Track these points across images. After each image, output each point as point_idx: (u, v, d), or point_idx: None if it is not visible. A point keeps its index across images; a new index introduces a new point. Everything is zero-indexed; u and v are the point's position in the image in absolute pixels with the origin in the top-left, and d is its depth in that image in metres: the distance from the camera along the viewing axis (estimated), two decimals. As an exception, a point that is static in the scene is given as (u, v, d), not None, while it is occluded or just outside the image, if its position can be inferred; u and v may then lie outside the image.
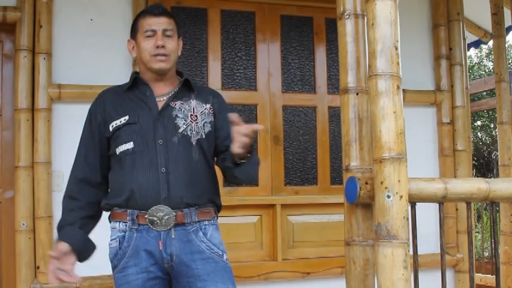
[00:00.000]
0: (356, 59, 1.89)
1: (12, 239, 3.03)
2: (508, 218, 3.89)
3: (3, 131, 3.18)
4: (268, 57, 3.54)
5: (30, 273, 2.97)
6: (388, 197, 1.61)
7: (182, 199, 1.80)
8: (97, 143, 1.91)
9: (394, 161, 1.62)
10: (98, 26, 3.21)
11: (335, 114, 3.61)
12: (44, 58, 3.05)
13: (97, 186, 1.92)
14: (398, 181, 1.62)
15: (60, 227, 1.89)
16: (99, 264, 2.08)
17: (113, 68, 3.18)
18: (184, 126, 1.86)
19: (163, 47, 1.88)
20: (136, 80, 1.94)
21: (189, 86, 1.96)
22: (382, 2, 1.68)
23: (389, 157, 1.63)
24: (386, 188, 1.62)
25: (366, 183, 1.75)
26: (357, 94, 1.89)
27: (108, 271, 1.89)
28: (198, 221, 1.83)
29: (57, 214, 3.01)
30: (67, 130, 3.10)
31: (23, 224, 2.97)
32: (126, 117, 1.86)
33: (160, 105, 1.89)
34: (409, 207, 1.68)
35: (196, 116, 1.89)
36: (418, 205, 1.80)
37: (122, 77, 3.15)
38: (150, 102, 1.89)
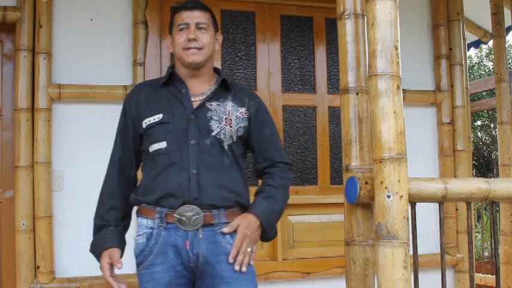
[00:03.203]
0: (356, 59, 1.89)
1: (12, 239, 3.03)
2: (508, 218, 3.89)
3: (3, 131, 3.17)
4: (268, 57, 3.54)
5: (30, 273, 2.96)
6: (388, 197, 1.61)
7: (211, 201, 1.79)
8: (131, 137, 1.90)
9: (394, 161, 1.63)
10: (98, 26, 3.21)
11: (335, 114, 3.61)
12: (44, 58, 3.05)
13: (133, 181, 1.93)
14: (398, 181, 1.62)
15: (100, 226, 1.88)
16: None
17: (113, 68, 3.18)
18: (218, 130, 1.84)
19: (195, 40, 1.84)
20: (171, 76, 1.91)
21: (226, 86, 1.93)
22: (382, 2, 1.68)
23: (389, 157, 1.63)
24: (386, 188, 1.62)
25: (366, 183, 1.75)
26: (357, 94, 1.89)
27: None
28: (226, 222, 1.81)
29: (57, 214, 3.06)
30: (67, 130, 3.11)
31: (23, 224, 2.97)
32: (160, 116, 1.84)
33: (195, 104, 1.86)
34: (409, 207, 1.68)
35: (231, 119, 1.86)
36: (418, 205, 1.80)
37: (122, 77, 3.18)
38: (184, 100, 1.87)
